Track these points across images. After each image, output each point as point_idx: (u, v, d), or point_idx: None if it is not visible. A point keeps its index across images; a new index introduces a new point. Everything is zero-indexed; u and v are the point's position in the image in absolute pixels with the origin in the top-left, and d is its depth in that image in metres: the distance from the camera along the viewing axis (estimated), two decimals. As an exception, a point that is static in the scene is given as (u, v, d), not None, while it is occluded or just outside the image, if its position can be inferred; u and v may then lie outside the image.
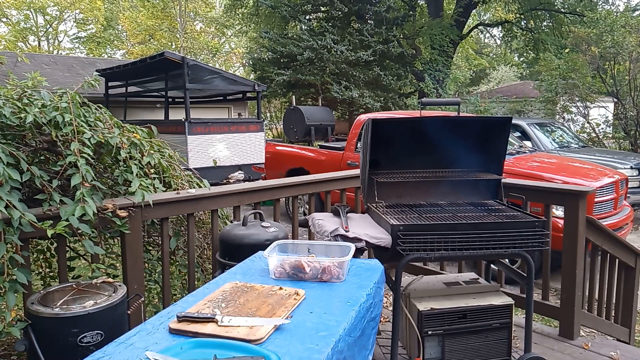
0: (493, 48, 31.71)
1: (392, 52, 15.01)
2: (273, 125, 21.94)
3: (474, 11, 20.82)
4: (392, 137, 2.67)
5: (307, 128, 8.73)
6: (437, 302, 2.41)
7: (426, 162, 2.78)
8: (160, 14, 27.37)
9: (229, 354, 1.19)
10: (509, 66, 29.38)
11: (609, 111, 12.66)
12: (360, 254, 2.33)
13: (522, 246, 2.25)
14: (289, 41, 15.11)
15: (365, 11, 15.11)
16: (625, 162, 7.49)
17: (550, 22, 18.04)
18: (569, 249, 3.01)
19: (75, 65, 16.18)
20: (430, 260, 2.38)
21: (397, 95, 15.69)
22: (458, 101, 2.95)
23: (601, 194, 5.31)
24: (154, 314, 1.61)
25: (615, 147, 11.68)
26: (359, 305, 1.55)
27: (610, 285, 3.53)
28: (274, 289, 1.63)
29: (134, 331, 1.37)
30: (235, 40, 31.62)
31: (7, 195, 2.15)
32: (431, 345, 2.37)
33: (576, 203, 2.94)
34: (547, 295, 3.26)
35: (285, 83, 15.05)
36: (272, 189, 3.18)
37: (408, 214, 2.52)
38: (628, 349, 3.13)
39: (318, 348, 1.25)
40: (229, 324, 1.35)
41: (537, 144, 7.91)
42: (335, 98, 14.42)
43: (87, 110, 2.81)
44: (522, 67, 25.43)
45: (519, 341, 2.82)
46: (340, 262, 1.76)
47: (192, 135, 8.15)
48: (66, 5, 27.14)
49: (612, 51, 10.90)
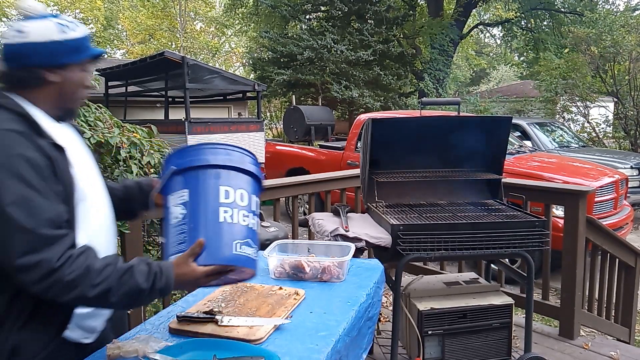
0: (493, 48, 31.71)
1: (392, 51, 14.99)
2: (273, 125, 21.93)
3: (474, 11, 20.81)
4: (392, 137, 2.67)
5: (307, 128, 8.72)
6: (437, 302, 2.41)
7: (426, 162, 2.78)
8: (160, 13, 27.37)
9: (229, 354, 1.19)
10: (509, 66, 29.38)
11: (609, 111, 12.65)
12: (360, 253, 2.33)
13: (522, 246, 2.25)
14: (289, 41, 15.10)
15: (365, 11, 15.09)
16: (626, 162, 7.49)
17: (550, 22, 18.04)
18: (569, 248, 3.01)
19: (75, 64, 16.13)
20: (430, 260, 2.39)
21: (397, 95, 15.67)
22: (458, 101, 2.95)
23: (601, 193, 5.31)
24: (154, 314, 1.61)
25: (615, 147, 11.67)
26: (359, 305, 1.55)
27: (610, 285, 3.53)
28: (274, 288, 1.63)
29: (134, 331, 1.37)
30: (235, 39, 31.61)
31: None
32: (431, 345, 2.37)
33: (576, 203, 2.94)
34: (547, 295, 3.26)
35: (285, 83, 15.04)
36: (272, 188, 3.17)
37: (408, 214, 2.52)
38: (628, 349, 3.13)
39: (318, 348, 1.25)
40: (228, 324, 1.35)
41: (537, 144, 7.90)
42: (335, 98, 14.41)
43: (87, 109, 2.81)
44: (522, 67, 25.43)
45: (519, 341, 2.82)
46: (340, 262, 1.76)
47: (192, 135, 8.15)
48: (66, 5, 27.13)
49: (611, 51, 10.89)
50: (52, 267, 1.05)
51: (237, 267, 1.24)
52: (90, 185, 1.28)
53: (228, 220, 1.23)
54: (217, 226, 1.22)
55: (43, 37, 1.17)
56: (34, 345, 1.15)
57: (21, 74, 1.19)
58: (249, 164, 1.33)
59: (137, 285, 1.13)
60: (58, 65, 1.20)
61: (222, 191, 1.25)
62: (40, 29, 1.17)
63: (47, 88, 1.21)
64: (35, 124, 1.16)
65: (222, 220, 1.22)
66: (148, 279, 1.14)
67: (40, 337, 1.17)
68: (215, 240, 1.21)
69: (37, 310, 1.15)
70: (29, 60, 1.18)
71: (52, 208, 1.10)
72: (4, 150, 1.08)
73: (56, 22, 1.20)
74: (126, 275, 1.12)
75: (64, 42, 1.19)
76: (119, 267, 1.14)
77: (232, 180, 1.28)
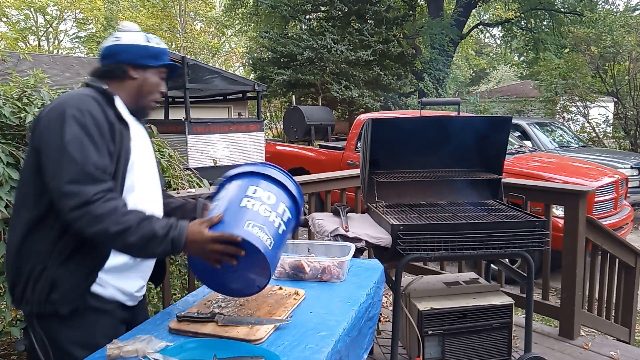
0: (493, 48, 31.71)
1: (392, 51, 15.00)
2: (273, 125, 21.93)
3: (474, 11, 20.81)
4: (392, 137, 2.66)
5: (307, 128, 8.72)
6: (437, 302, 2.41)
7: (426, 162, 2.77)
8: (160, 13, 27.36)
9: (229, 354, 1.19)
10: (509, 66, 29.38)
11: (609, 111, 12.65)
12: (360, 253, 2.33)
13: (522, 246, 2.25)
14: (289, 41, 15.11)
15: (365, 11, 15.09)
16: (626, 162, 7.49)
17: (550, 22, 18.04)
18: (569, 248, 3.01)
19: (75, 64, 16.17)
20: (430, 260, 2.38)
21: (397, 95, 15.67)
22: (458, 101, 2.95)
23: (601, 193, 5.31)
24: (154, 313, 1.61)
25: (615, 147, 11.67)
26: (359, 305, 1.55)
27: (610, 285, 3.53)
28: (274, 288, 1.63)
29: (134, 331, 1.37)
30: (235, 40, 31.60)
31: (7, 195, 2.15)
32: (431, 345, 2.37)
33: (576, 203, 2.94)
34: (547, 295, 3.25)
35: (285, 83, 15.04)
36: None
37: (408, 214, 2.52)
38: (628, 349, 3.13)
39: (318, 348, 1.25)
40: (228, 324, 1.35)
41: (537, 144, 7.90)
42: (335, 98, 14.41)
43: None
44: (522, 67, 25.43)
45: (519, 341, 2.82)
46: (340, 262, 1.76)
47: (192, 135, 8.14)
48: (66, 5, 27.13)
49: (611, 51, 10.89)
50: (87, 199, 1.26)
51: (247, 249, 1.29)
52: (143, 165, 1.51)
53: (249, 207, 1.37)
54: (238, 209, 1.36)
55: (132, 41, 1.50)
56: (69, 282, 1.35)
57: (111, 67, 1.49)
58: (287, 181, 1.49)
59: (154, 230, 1.30)
60: (140, 65, 1.51)
61: (251, 189, 1.42)
62: (131, 36, 1.51)
63: (129, 82, 1.51)
64: (110, 97, 1.44)
65: (243, 206, 1.37)
66: (164, 227, 1.31)
67: (75, 277, 1.36)
68: (232, 218, 1.34)
69: (75, 252, 1.36)
70: (118, 57, 1.49)
71: (101, 157, 1.33)
72: (76, 105, 1.35)
73: (143, 34, 1.54)
74: (146, 221, 1.31)
75: (147, 48, 1.51)
76: (141, 214, 1.33)
77: (262, 184, 1.44)
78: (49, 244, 1.35)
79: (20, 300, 1.37)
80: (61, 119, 1.32)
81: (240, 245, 1.29)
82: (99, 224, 1.26)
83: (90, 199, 1.26)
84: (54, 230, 1.35)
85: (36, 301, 1.34)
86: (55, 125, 1.32)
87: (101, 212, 1.26)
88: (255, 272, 1.36)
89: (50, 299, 1.34)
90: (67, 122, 1.31)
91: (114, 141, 1.38)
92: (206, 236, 1.30)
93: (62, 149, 1.28)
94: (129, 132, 1.45)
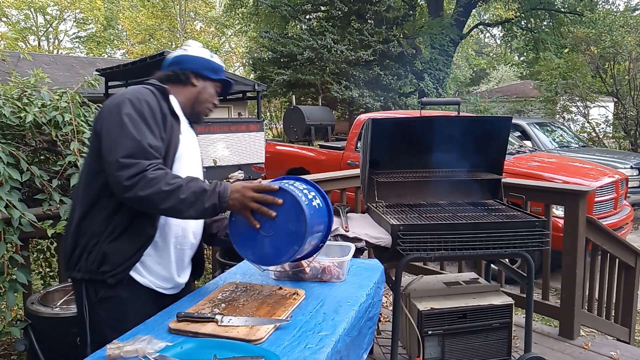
0: (493, 48, 31.71)
1: (392, 51, 15.00)
2: (273, 125, 21.93)
3: (474, 11, 20.81)
4: (392, 137, 2.66)
5: (307, 128, 8.72)
6: (437, 302, 2.41)
7: (426, 162, 2.77)
8: (160, 13, 27.38)
9: (229, 354, 1.19)
10: (509, 66, 29.36)
11: (609, 111, 12.66)
12: (360, 253, 2.33)
13: (522, 246, 2.25)
14: (289, 41, 15.11)
15: (365, 11, 15.09)
16: (626, 162, 7.48)
17: (550, 22, 18.04)
18: (569, 248, 3.01)
19: (75, 64, 16.20)
20: (430, 260, 2.38)
21: (397, 95, 15.67)
22: (458, 101, 2.94)
23: (601, 193, 5.31)
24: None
25: (616, 147, 11.67)
26: (359, 305, 1.55)
27: (610, 285, 3.53)
28: (274, 288, 1.63)
29: (134, 331, 1.36)
30: (235, 39, 31.62)
31: (7, 195, 2.16)
32: (431, 345, 2.37)
33: (576, 203, 2.94)
34: (547, 295, 3.25)
35: (285, 83, 15.05)
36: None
37: (408, 214, 2.52)
38: (628, 349, 3.13)
39: (318, 348, 1.25)
40: (228, 324, 1.35)
41: (537, 144, 7.90)
42: (335, 98, 14.42)
43: (87, 109, 2.81)
44: (522, 67, 25.42)
45: (519, 341, 2.82)
46: (340, 262, 1.76)
47: (192, 135, 8.16)
48: (66, 5, 27.14)
49: (611, 51, 10.89)
50: (143, 169, 1.42)
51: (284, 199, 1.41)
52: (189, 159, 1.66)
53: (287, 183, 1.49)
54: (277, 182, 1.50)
55: (197, 53, 1.73)
56: (118, 256, 1.53)
57: (177, 72, 1.69)
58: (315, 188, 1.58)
59: (202, 187, 1.45)
60: (202, 75, 1.71)
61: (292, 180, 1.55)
62: (197, 49, 1.75)
63: (190, 88, 1.71)
64: (165, 93, 1.62)
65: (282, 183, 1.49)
66: (211, 184, 1.48)
67: (124, 252, 1.53)
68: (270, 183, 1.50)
69: (126, 230, 1.53)
70: (185, 64, 1.71)
71: (154, 138, 1.49)
72: (134, 94, 1.53)
73: (208, 51, 1.77)
74: (194, 181, 1.46)
75: (210, 62, 1.73)
76: (188, 177, 1.48)
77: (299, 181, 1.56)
78: (103, 222, 1.52)
79: (74, 268, 1.56)
80: (121, 103, 1.49)
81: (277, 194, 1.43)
82: (154, 186, 1.41)
83: (145, 168, 1.42)
84: (107, 210, 1.52)
85: (88, 270, 1.53)
86: (115, 109, 1.49)
87: (155, 176, 1.41)
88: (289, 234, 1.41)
89: (101, 270, 1.52)
90: (125, 105, 1.48)
91: (165, 129, 1.55)
92: (247, 186, 1.47)
93: (120, 127, 1.45)
94: (179, 126, 1.62)
